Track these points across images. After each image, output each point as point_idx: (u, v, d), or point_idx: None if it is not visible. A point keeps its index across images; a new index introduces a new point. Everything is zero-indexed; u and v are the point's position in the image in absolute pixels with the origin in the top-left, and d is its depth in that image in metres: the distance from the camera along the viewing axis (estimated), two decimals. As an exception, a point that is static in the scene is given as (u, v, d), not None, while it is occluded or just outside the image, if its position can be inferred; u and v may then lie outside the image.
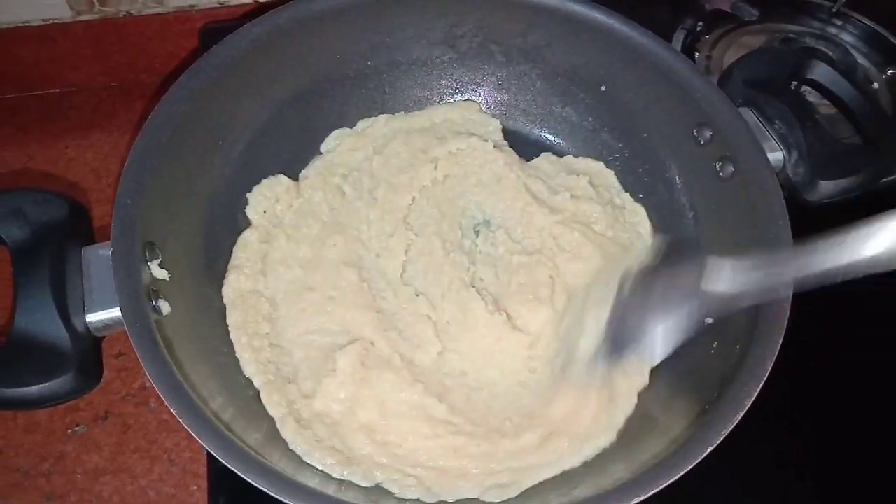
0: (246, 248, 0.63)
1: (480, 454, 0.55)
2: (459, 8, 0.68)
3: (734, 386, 0.50)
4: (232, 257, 0.62)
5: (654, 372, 0.61)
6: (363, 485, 0.53)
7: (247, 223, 0.64)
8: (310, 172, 0.69)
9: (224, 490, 0.57)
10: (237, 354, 0.58)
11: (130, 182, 0.51)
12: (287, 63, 0.65)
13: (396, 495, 0.53)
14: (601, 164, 0.72)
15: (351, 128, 0.72)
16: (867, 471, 0.63)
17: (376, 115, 0.73)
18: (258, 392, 0.57)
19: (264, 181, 0.66)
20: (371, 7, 0.66)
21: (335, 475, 0.52)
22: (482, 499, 0.53)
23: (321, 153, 0.70)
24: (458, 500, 0.53)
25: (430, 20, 0.69)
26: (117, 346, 0.69)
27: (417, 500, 0.53)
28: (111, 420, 0.65)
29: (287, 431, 0.54)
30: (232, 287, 0.60)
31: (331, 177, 0.68)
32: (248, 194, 0.65)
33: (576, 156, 0.73)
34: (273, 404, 0.55)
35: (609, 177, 0.72)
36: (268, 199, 0.65)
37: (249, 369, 0.57)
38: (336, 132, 0.71)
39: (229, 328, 0.59)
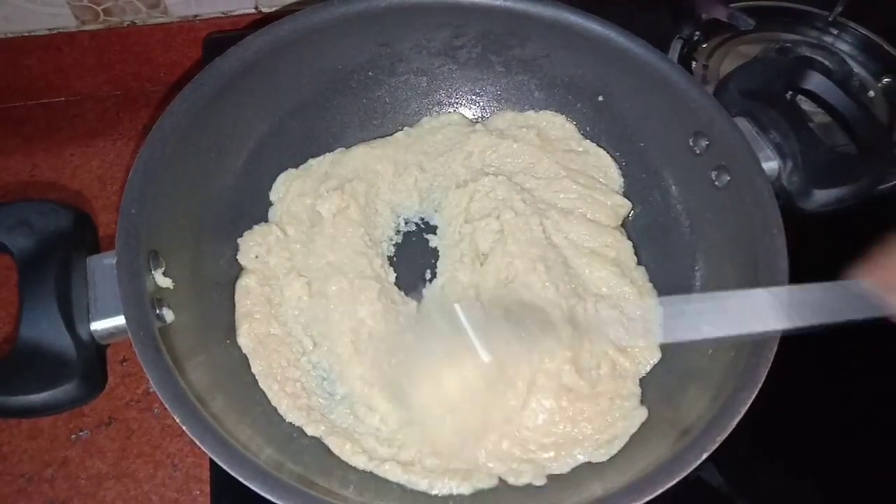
0: (248, 294, 0.62)
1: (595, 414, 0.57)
2: (459, 19, 0.69)
3: (729, 393, 0.50)
4: (237, 306, 0.61)
5: (651, 376, 0.61)
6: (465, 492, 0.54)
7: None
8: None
9: (227, 495, 0.58)
10: (273, 403, 0.57)
11: (134, 192, 0.52)
12: (289, 74, 0.66)
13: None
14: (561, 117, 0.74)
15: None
16: (864, 481, 0.64)
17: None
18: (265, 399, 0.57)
19: (256, 228, 0.65)
20: (372, 18, 0.66)
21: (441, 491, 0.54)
22: (593, 460, 0.55)
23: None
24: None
25: (430, 31, 0.70)
26: (122, 352, 0.69)
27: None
28: (115, 425, 0.66)
29: (388, 473, 0.55)
30: (247, 336, 0.60)
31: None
32: (239, 240, 0.64)
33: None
34: (351, 454, 0.55)
35: (570, 129, 0.73)
36: (259, 245, 0.64)
37: (293, 417, 0.57)
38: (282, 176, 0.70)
39: (257, 379, 0.58)
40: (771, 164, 0.62)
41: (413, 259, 0.69)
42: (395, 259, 0.69)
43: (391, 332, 0.61)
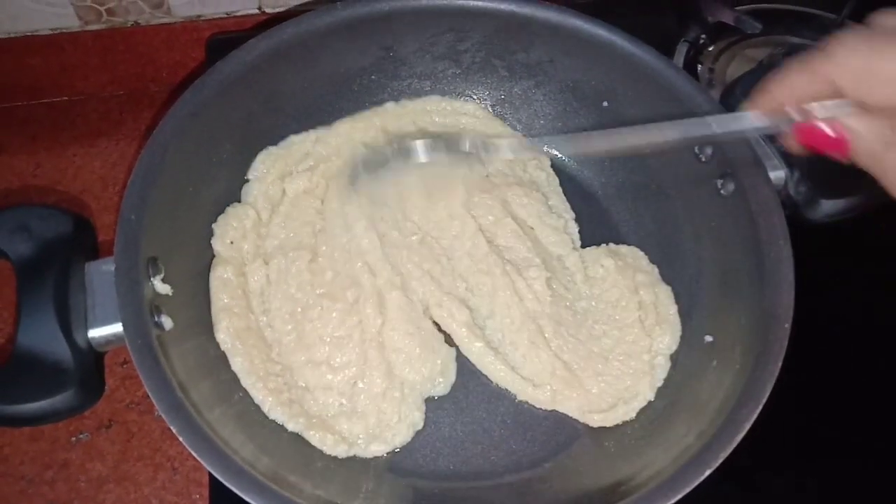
0: (225, 286, 0.60)
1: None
2: (463, 23, 0.68)
3: (734, 407, 0.50)
4: (213, 299, 0.59)
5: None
6: None
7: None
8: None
9: (225, 499, 0.57)
10: (257, 401, 0.56)
11: (134, 198, 0.51)
12: (291, 77, 0.66)
13: None
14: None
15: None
16: (867, 481, 0.63)
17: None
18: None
19: (230, 210, 0.63)
20: (375, 22, 0.66)
21: None
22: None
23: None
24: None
25: (433, 35, 0.69)
26: (122, 355, 0.69)
27: None
28: (115, 428, 0.66)
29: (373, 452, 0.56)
30: (225, 332, 0.58)
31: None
32: (213, 224, 0.62)
33: (578, 170, 0.74)
34: (333, 445, 0.56)
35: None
36: (235, 229, 0.62)
37: (276, 414, 0.56)
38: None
39: (238, 376, 0.57)
40: (778, 173, 0.62)
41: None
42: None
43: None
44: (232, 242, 0.62)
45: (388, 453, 0.57)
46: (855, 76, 0.37)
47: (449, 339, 0.63)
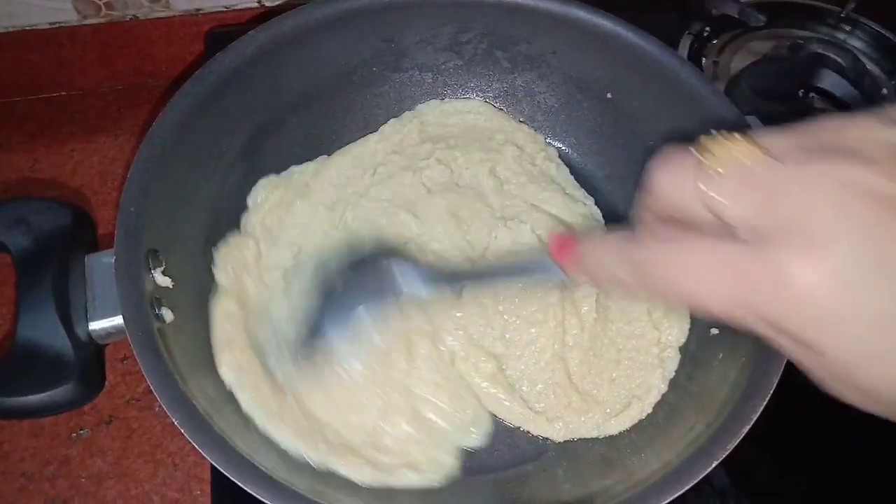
0: (230, 318, 0.57)
1: None
2: (465, 14, 0.67)
3: (739, 399, 0.49)
4: (215, 331, 0.56)
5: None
6: None
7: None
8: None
9: (227, 495, 0.57)
10: (270, 435, 0.52)
11: (133, 190, 0.51)
12: (291, 70, 0.65)
13: None
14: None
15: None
16: (868, 482, 0.63)
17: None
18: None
19: (231, 240, 0.61)
20: (376, 13, 0.65)
21: None
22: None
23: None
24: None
25: (435, 26, 0.68)
26: (122, 350, 0.69)
27: None
28: (115, 424, 0.66)
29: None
30: (229, 366, 0.54)
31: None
32: (215, 252, 0.59)
33: (581, 162, 0.74)
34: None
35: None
36: (236, 259, 0.60)
37: (296, 446, 0.52)
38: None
39: (244, 411, 0.52)
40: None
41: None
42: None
43: None
44: (233, 270, 0.59)
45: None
46: (656, 280, 0.35)
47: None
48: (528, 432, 0.59)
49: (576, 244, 0.40)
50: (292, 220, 0.65)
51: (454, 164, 0.69)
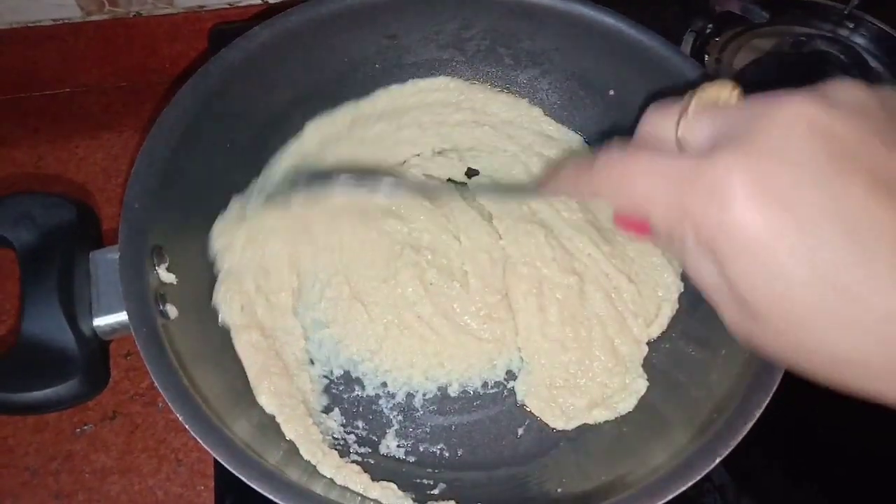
0: (257, 351, 0.56)
1: None
2: (468, 11, 0.67)
3: (743, 395, 0.49)
4: (247, 365, 0.55)
5: (661, 377, 0.61)
6: None
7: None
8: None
9: (231, 490, 0.58)
10: (306, 457, 0.52)
11: (138, 187, 0.51)
12: (295, 66, 0.65)
13: None
14: None
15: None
16: (870, 482, 0.63)
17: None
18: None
19: (224, 284, 0.58)
20: (379, 10, 0.65)
21: None
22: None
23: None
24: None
25: (439, 23, 0.68)
26: (126, 346, 0.69)
27: None
28: (119, 420, 0.66)
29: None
30: (268, 397, 0.54)
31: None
32: (214, 299, 0.57)
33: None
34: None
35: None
36: (241, 296, 0.58)
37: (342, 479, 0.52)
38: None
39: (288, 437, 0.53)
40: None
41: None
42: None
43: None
44: (243, 308, 0.58)
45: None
46: (609, 187, 0.36)
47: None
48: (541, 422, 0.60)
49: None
50: (271, 250, 0.62)
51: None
